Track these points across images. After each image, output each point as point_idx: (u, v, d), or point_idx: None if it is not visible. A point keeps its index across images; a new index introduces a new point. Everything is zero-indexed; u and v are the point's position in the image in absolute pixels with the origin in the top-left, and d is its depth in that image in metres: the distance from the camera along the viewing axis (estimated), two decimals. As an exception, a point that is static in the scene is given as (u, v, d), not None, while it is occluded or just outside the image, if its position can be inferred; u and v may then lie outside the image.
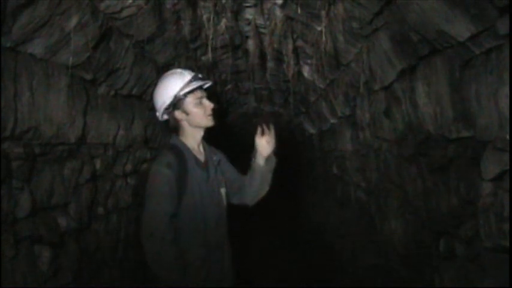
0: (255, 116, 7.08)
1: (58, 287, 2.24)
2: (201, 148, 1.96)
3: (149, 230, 1.69)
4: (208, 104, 1.89)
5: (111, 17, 2.35)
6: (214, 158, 1.98)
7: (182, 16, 2.92)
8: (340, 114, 4.14)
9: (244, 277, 2.66)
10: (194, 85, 1.85)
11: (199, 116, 1.88)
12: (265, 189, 2.04)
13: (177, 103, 1.85)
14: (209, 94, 1.95)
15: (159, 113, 1.92)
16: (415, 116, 2.36)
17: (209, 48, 3.03)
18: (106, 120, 2.83)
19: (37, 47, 1.95)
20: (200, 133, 1.93)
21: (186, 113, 1.87)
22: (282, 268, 4.86)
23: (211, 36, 2.92)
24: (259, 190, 2.03)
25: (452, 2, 1.64)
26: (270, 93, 5.60)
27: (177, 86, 1.84)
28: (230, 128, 7.51)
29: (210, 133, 1.99)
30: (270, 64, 4.19)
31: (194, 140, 1.92)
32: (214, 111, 1.91)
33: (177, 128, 1.92)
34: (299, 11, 2.73)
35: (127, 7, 2.33)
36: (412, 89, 2.32)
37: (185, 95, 1.85)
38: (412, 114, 2.39)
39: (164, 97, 1.86)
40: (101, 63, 2.50)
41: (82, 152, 2.59)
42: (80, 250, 2.52)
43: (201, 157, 1.93)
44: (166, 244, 1.67)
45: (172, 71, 1.96)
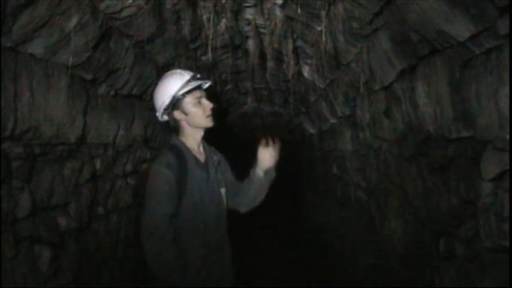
0: (255, 116, 7.08)
1: (58, 287, 2.23)
2: (201, 148, 1.96)
3: (149, 230, 1.69)
4: (207, 104, 1.89)
5: (111, 17, 2.35)
6: (214, 158, 1.98)
7: (182, 16, 2.92)
8: (340, 114, 4.14)
9: (244, 277, 2.66)
10: (192, 85, 1.85)
11: (198, 116, 1.87)
12: (259, 200, 2.03)
13: (176, 103, 1.85)
14: (209, 94, 1.95)
15: (159, 114, 1.92)
16: (415, 116, 2.36)
17: (209, 48, 3.03)
18: (106, 120, 2.83)
19: (37, 47, 1.95)
20: (200, 133, 1.93)
21: (185, 113, 1.86)
22: (282, 268, 4.86)
23: (211, 36, 2.92)
24: (253, 200, 2.02)
25: (452, 2, 1.64)
26: (270, 93, 5.59)
27: (176, 86, 1.84)
28: (230, 128, 7.50)
29: (210, 133, 1.99)
30: (270, 64, 4.18)
31: (194, 140, 1.92)
32: (213, 111, 1.91)
33: (177, 128, 1.92)
34: (299, 11, 2.73)
35: (127, 7, 2.33)
36: (412, 89, 2.32)
37: (183, 95, 1.84)
38: (412, 114, 2.39)
39: (163, 97, 1.86)
40: (101, 63, 2.50)
41: (82, 152, 2.59)
42: (80, 250, 2.52)
43: (201, 157, 1.92)
44: (166, 244, 1.67)
45: (171, 72, 1.96)
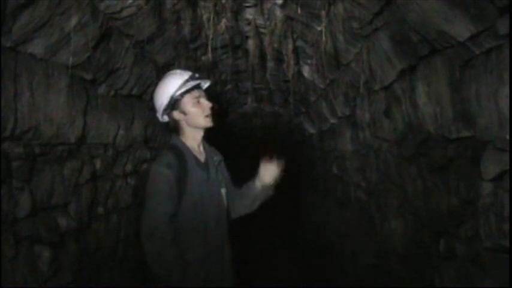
0: (255, 116, 7.08)
1: (58, 287, 2.23)
2: (201, 148, 1.96)
3: (149, 230, 1.69)
4: (206, 104, 1.89)
5: (111, 17, 2.35)
6: (215, 158, 1.98)
7: (182, 16, 2.91)
8: (340, 114, 4.14)
9: (244, 277, 2.66)
10: (190, 85, 1.85)
11: (197, 116, 1.87)
12: (250, 209, 2.08)
13: (175, 103, 1.85)
14: (209, 94, 1.95)
15: (159, 114, 1.92)
16: (415, 116, 2.35)
17: (209, 48, 3.02)
18: (106, 120, 2.83)
19: (37, 47, 1.95)
20: (200, 133, 1.93)
21: (184, 113, 1.86)
22: (282, 268, 4.86)
23: (211, 36, 2.92)
24: (245, 209, 2.07)
25: (452, 2, 1.64)
26: (270, 93, 5.59)
27: (174, 87, 1.85)
28: (230, 128, 7.50)
29: (210, 133, 1.98)
30: (270, 64, 4.18)
31: (194, 140, 1.92)
32: (213, 110, 1.91)
33: (177, 129, 1.92)
34: (299, 11, 2.73)
35: (127, 7, 2.33)
36: (412, 89, 2.32)
37: (182, 95, 1.84)
38: (412, 114, 2.39)
39: (162, 98, 1.86)
40: (101, 63, 2.50)
41: (82, 152, 2.59)
42: (80, 250, 2.52)
43: (201, 157, 1.92)
44: (166, 244, 1.67)
45: (171, 72, 1.96)
